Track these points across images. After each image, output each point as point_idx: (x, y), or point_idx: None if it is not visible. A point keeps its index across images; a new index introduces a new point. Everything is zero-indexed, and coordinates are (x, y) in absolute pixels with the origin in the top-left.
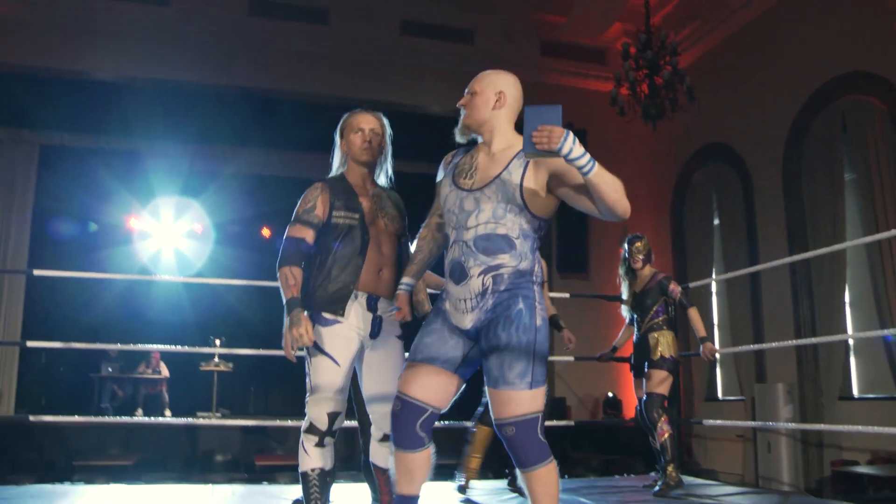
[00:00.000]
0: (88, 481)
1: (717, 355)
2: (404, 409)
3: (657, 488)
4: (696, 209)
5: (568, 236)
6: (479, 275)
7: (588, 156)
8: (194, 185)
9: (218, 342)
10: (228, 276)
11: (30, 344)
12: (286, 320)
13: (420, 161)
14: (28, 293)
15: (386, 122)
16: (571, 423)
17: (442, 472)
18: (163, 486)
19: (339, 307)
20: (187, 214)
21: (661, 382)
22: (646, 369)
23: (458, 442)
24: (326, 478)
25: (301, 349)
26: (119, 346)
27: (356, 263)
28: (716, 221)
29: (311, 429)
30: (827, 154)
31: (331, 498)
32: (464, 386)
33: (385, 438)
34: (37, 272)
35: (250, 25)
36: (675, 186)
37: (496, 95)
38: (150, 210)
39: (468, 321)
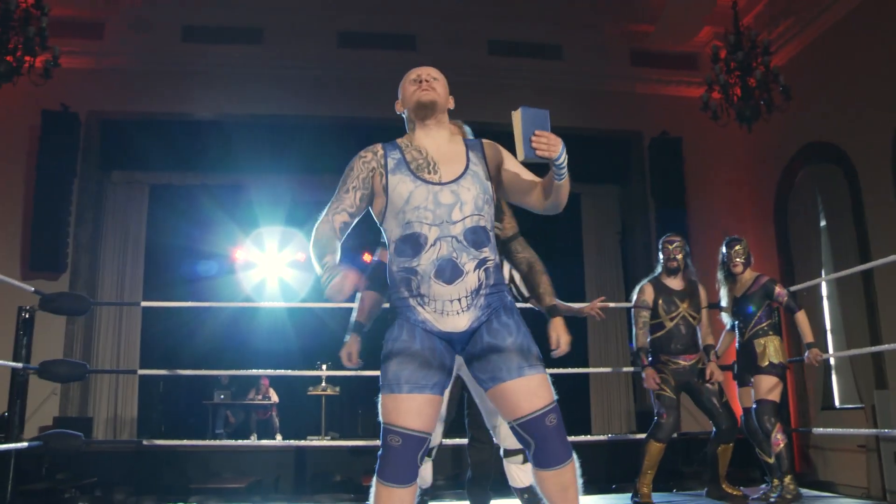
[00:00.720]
0: (202, 503)
1: (832, 360)
2: (406, 444)
3: (773, 500)
4: (800, 212)
5: None
6: (475, 269)
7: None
8: (298, 216)
9: (325, 367)
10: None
11: (140, 372)
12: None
13: None
14: (144, 324)
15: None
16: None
17: None
18: None
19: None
20: (291, 244)
21: (771, 389)
22: (752, 377)
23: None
24: (424, 497)
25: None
26: (228, 372)
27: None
28: (822, 223)
29: (506, 451)
30: None
31: None
32: None
33: (521, 456)
34: (145, 304)
35: (342, 57)
36: (778, 189)
37: (447, 88)
38: (254, 240)
39: (464, 322)
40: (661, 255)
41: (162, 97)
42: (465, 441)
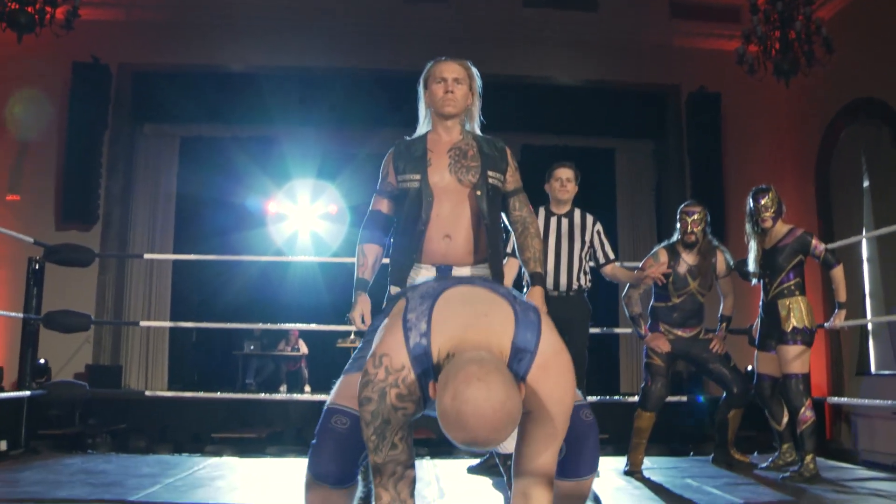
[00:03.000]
0: (215, 453)
1: (870, 325)
2: (354, 429)
3: (788, 474)
4: (843, 170)
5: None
6: None
7: None
8: (329, 168)
9: None
10: None
11: (143, 324)
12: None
13: (548, 133)
14: (175, 276)
15: (475, 71)
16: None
17: None
18: (290, 459)
19: (400, 281)
20: (323, 197)
21: (797, 359)
22: (776, 344)
23: None
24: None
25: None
26: (254, 326)
27: (419, 230)
28: (865, 183)
29: None
30: None
31: None
32: None
33: None
34: (148, 256)
35: (381, 7)
36: (820, 148)
37: None
38: (286, 193)
39: None
40: (678, 225)
41: (192, 49)
42: None
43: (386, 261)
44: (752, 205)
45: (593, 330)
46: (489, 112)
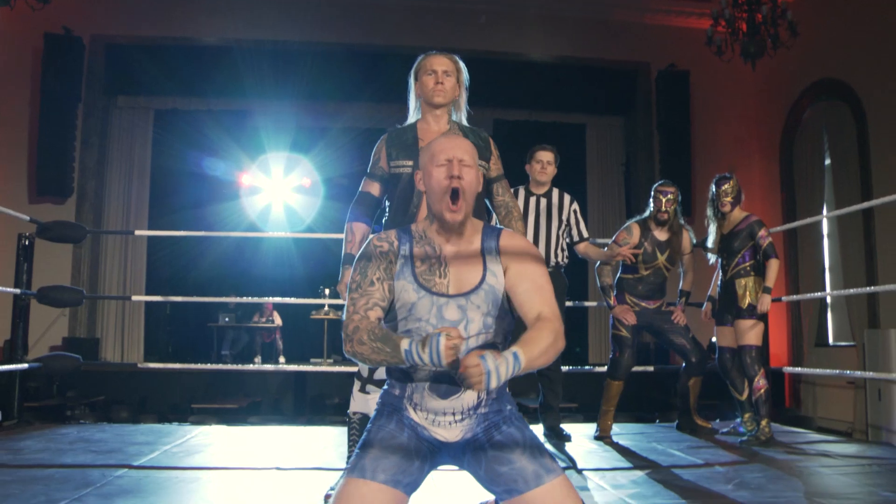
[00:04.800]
0: (199, 422)
1: (829, 298)
2: None
3: (746, 439)
4: (806, 149)
5: (672, 180)
6: None
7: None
8: (303, 141)
9: (328, 292)
10: (337, 229)
11: (135, 298)
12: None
13: (520, 108)
14: (150, 249)
15: (462, 65)
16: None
17: None
18: (274, 427)
19: None
20: (297, 170)
21: (751, 331)
22: (733, 319)
23: None
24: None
25: None
26: (230, 299)
27: (411, 212)
28: (827, 161)
29: (357, 374)
30: None
31: None
32: None
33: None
34: (139, 232)
35: None
36: (784, 126)
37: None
38: (260, 166)
39: (457, 433)
40: (651, 203)
41: (166, 21)
42: None
43: None
44: (714, 190)
45: (568, 304)
46: None
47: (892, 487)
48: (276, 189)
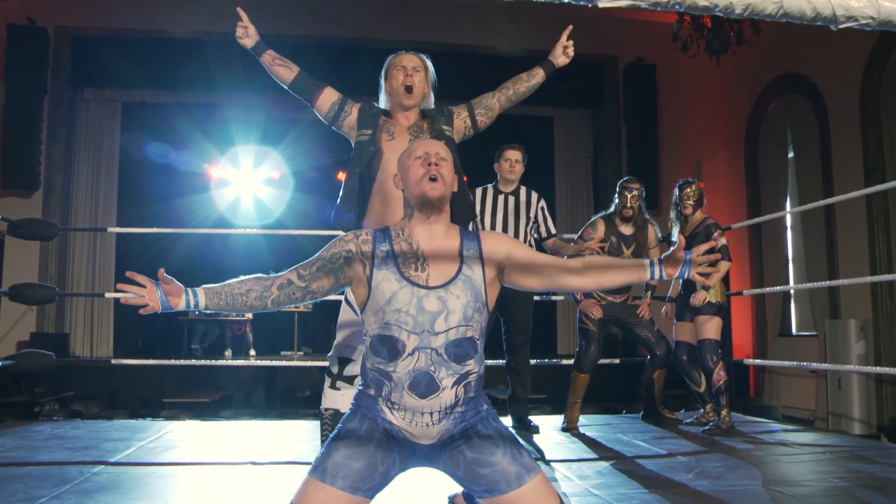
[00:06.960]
0: (171, 417)
1: (792, 291)
2: None
3: (707, 428)
4: (770, 142)
5: (639, 173)
6: (453, 386)
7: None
8: (272, 134)
9: None
10: (306, 221)
11: (108, 295)
12: None
13: None
14: (118, 242)
15: (430, 63)
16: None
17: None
18: (246, 421)
19: None
20: (266, 162)
21: (712, 328)
22: (693, 315)
23: None
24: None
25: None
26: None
27: (363, 193)
28: (790, 154)
29: (328, 370)
30: None
31: None
32: None
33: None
34: (111, 230)
35: None
36: (749, 120)
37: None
38: (229, 159)
39: (433, 434)
40: (616, 199)
41: (133, 13)
42: None
43: None
44: (677, 194)
45: (537, 298)
46: None
47: (844, 474)
48: (245, 182)
